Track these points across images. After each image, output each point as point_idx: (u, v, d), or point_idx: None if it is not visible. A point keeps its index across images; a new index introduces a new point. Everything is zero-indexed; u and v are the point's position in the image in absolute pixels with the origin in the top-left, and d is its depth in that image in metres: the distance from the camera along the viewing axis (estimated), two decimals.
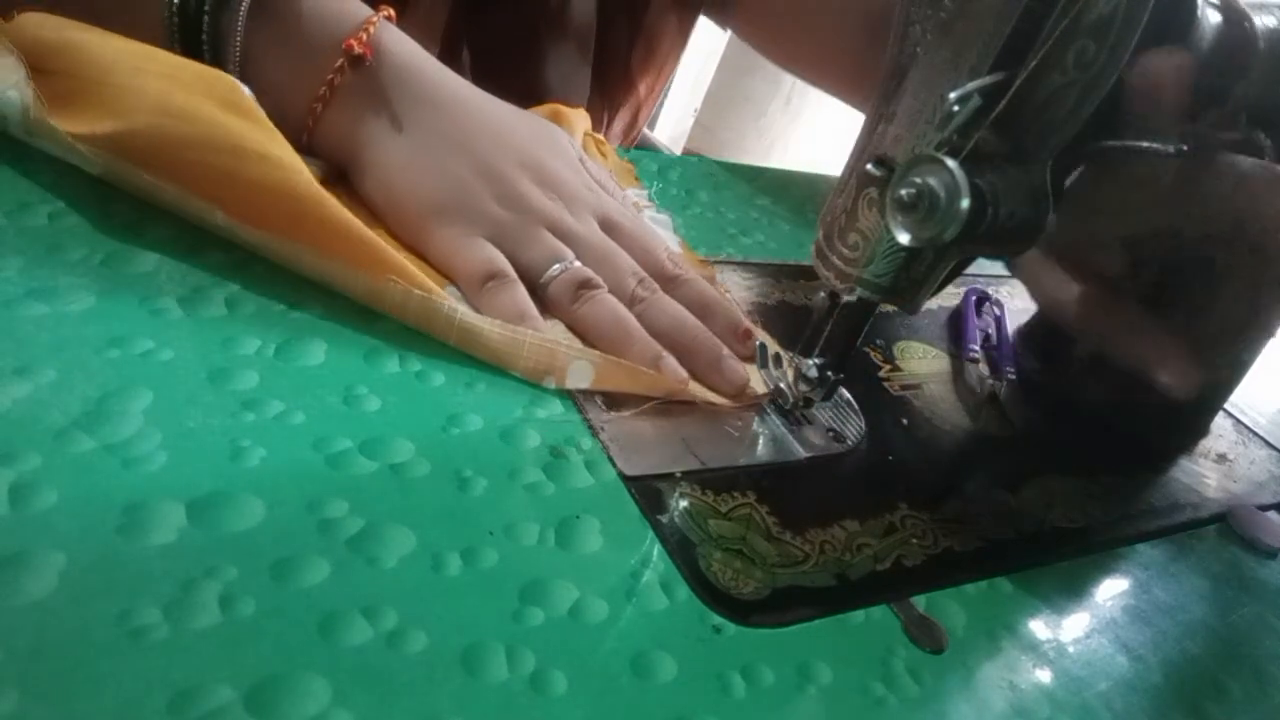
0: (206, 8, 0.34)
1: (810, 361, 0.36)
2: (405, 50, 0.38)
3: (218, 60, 0.34)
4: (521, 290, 0.36)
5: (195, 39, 0.34)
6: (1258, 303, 0.40)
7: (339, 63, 0.35)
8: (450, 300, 0.34)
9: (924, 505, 0.37)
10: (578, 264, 0.37)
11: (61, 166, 0.33)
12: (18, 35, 0.32)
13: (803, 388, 0.37)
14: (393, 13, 0.38)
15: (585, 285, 0.37)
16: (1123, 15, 0.27)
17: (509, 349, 0.34)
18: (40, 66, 0.32)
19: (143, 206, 0.33)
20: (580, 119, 0.50)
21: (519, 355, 0.34)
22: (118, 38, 0.33)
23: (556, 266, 0.37)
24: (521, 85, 0.39)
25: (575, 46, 0.61)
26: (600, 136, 0.53)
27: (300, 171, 0.32)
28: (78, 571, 0.21)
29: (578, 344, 0.36)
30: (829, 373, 0.36)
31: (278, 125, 0.34)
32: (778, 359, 0.39)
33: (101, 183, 0.33)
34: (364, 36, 0.35)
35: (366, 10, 0.37)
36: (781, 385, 0.38)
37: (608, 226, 0.41)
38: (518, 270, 0.36)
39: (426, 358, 0.33)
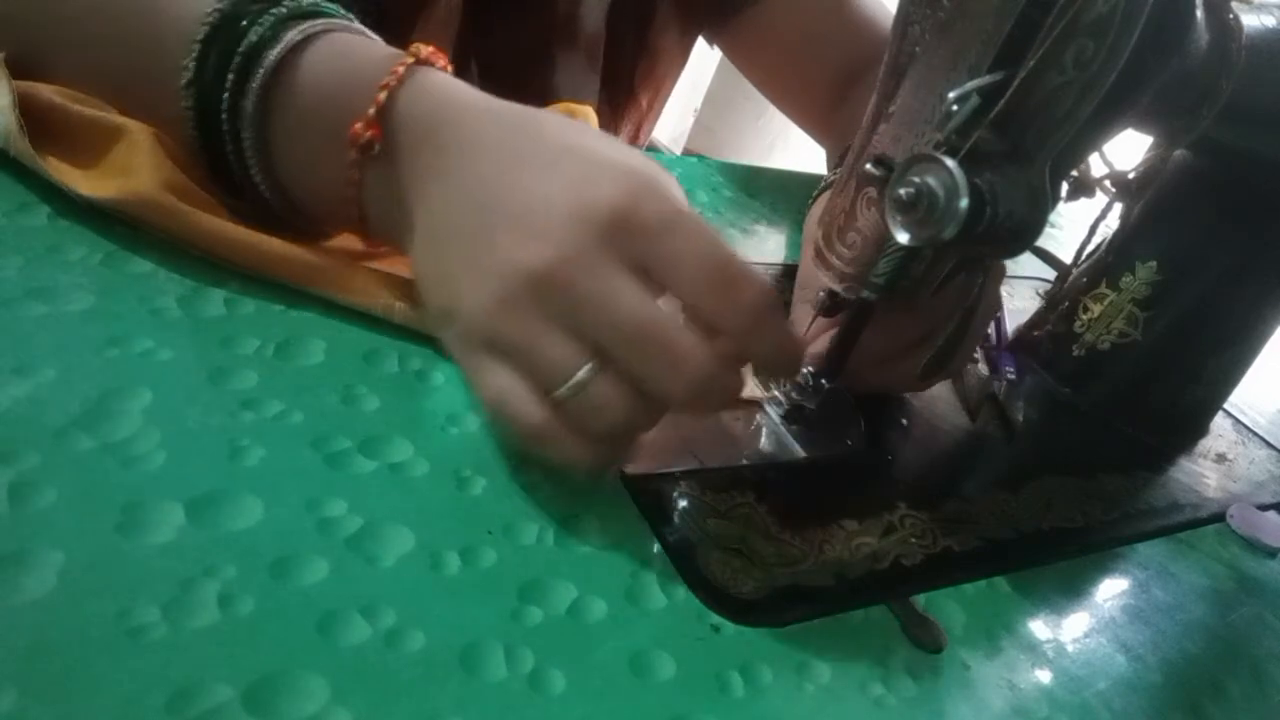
0: (224, 117, 0.31)
1: (805, 370, 0.36)
2: (430, 103, 0.31)
3: (244, 171, 0.32)
4: (526, 406, 0.28)
5: (220, 152, 0.32)
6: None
7: (352, 156, 0.31)
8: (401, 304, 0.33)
9: (923, 505, 0.37)
10: (593, 380, 0.28)
11: None
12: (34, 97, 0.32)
13: (796, 395, 0.37)
14: (427, 50, 0.32)
15: (600, 414, 0.28)
16: (1121, 14, 0.27)
17: None
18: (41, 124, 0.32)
19: None
20: (590, 117, 0.50)
21: None
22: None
23: (566, 388, 0.28)
24: (532, 96, 0.34)
25: (584, 57, 0.61)
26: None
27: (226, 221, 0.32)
28: (77, 570, 0.21)
29: None
30: (823, 380, 0.36)
31: (334, 233, 0.35)
32: None
33: None
34: (371, 112, 0.30)
35: (389, 61, 0.31)
36: (776, 393, 0.38)
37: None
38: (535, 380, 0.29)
39: (426, 357, 0.33)
